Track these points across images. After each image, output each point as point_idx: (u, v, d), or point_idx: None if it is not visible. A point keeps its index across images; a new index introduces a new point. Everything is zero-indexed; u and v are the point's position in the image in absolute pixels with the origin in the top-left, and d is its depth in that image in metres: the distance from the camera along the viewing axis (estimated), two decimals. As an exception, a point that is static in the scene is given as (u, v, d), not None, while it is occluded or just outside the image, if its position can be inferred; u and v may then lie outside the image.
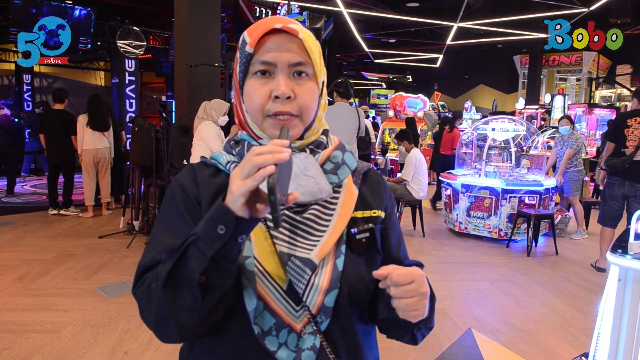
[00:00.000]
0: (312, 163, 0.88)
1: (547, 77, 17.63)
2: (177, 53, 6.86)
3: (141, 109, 9.34)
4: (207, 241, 0.70)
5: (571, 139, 6.51)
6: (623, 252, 1.62)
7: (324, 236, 0.85)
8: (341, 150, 0.94)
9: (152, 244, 0.87)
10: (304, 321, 0.83)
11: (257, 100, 0.85)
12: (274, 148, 0.67)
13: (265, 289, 0.82)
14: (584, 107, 13.31)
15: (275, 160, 0.65)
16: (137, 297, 0.82)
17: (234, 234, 0.69)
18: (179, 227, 0.86)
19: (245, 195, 0.67)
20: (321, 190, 0.86)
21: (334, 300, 0.83)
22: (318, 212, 0.87)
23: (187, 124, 5.52)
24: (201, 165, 0.94)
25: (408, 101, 12.50)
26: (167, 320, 0.76)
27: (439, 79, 23.24)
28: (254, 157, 0.67)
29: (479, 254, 5.68)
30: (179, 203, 0.89)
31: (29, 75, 12.91)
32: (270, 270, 0.83)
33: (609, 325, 1.63)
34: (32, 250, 5.21)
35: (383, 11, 13.81)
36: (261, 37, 0.85)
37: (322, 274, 0.83)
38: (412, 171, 6.29)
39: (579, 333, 3.58)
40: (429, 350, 3.20)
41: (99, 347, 3.14)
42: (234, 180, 0.69)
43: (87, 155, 6.75)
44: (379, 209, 0.96)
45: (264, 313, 0.82)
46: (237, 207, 0.68)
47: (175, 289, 0.74)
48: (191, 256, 0.72)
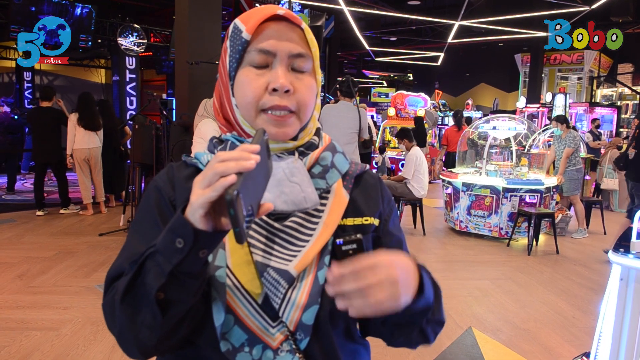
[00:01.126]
0: (300, 168, 0.79)
1: (549, 75, 17.60)
2: (177, 51, 6.85)
3: (142, 107, 9.35)
4: (165, 255, 0.64)
5: (569, 137, 6.51)
6: (625, 252, 1.61)
7: (306, 246, 0.77)
8: (331, 151, 0.85)
9: (123, 248, 0.81)
10: (281, 338, 0.76)
11: (251, 92, 0.78)
12: (239, 154, 0.60)
13: (237, 302, 0.74)
14: (585, 105, 13.29)
15: (238, 169, 0.58)
16: (103, 308, 0.76)
17: (193, 248, 0.62)
18: (151, 232, 0.77)
19: (204, 207, 0.60)
20: (306, 199, 0.78)
21: (313, 317, 0.75)
22: (301, 219, 0.79)
23: (188, 122, 5.51)
24: (181, 165, 0.87)
25: (409, 100, 12.47)
26: (128, 334, 0.70)
27: (440, 78, 23.22)
28: (216, 163, 0.60)
29: (479, 252, 5.67)
30: (153, 207, 0.82)
31: (30, 72, 12.91)
32: (244, 281, 0.75)
33: (610, 325, 1.62)
34: (33, 248, 5.21)
35: (384, 9, 13.78)
36: (260, 23, 0.78)
37: (301, 287, 0.75)
38: (413, 169, 6.28)
39: (579, 332, 3.57)
40: (429, 349, 3.20)
41: (99, 345, 3.14)
42: (194, 189, 0.62)
43: (79, 154, 6.68)
44: (372, 216, 0.87)
45: (234, 328, 0.74)
46: (196, 219, 0.61)
47: (133, 304, 0.68)
48: (148, 270, 0.66)
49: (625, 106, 13.90)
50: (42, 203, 6.85)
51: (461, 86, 22.97)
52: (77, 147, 6.66)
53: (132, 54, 11.23)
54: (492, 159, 6.78)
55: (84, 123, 6.61)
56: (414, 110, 11.90)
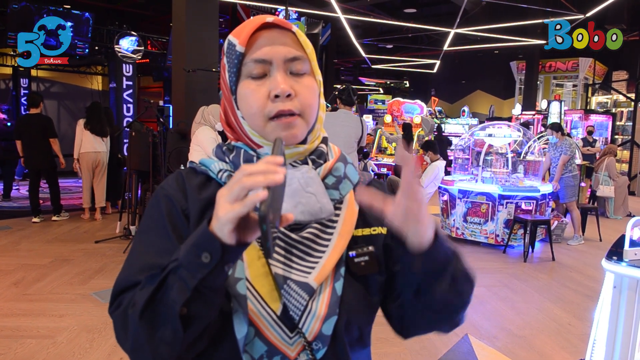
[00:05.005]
0: (314, 178, 0.80)
1: (544, 83, 17.68)
2: (175, 58, 6.87)
3: (138, 114, 9.35)
4: (190, 270, 0.63)
5: (564, 144, 6.54)
6: (618, 259, 1.63)
7: (323, 257, 0.78)
8: (343, 162, 0.86)
9: (131, 259, 0.79)
10: (299, 348, 0.76)
11: (254, 102, 0.78)
12: (266, 167, 0.59)
13: (258, 315, 0.74)
14: (580, 113, 13.36)
15: (267, 183, 0.58)
16: (113, 318, 0.74)
17: (219, 263, 0.63)
18: (162, 244, 0.77)
19: (234, 222, 0.60)
20: (322, 209, 0.79)
21: (332, 328, 0.76)
22: (317, 230, 0.80)
23: (185, 129, 5.52)
24: (190, 173, 0.86)
25: (405, 106, 12.53)
26: (144, 350, 0.68)
27: (436, 85, 23.28)
28: (244, 177, 0.59)
29: (475, 259, 5.68)
30: (164, 216, 0.80)
31: (26, 79, 12.89)
32: (263, 293, 0.76)
33: (604, 332, 1.63)
34: (28, 255, 5.19)
35: (380, 17, 13.84)
36: (252, 34, 0.79)
37: (320, 299, 0.76)
38: (431, 180, 6.56)
39: (575, 339, 3.58)
40: (426, 357, 3.20)
41: (94, 353, 3.12)
42: (220, 203, 0.61)
43: (85, 158, 6.72)
44: (380, 226, 0.87)
45: (254, 340, 0.74)
46: (224, 234, 0.61)
47: (153, 320, 0.66)
48: (172, 285, 0.65)
49: (620, 113, 13.97)
50: (38, 210, 6.83)
51: (457, 93, 23.04)
52: (83, 150, 6.71)
53: (129, 61, 11.24)
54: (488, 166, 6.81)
55: (91, 127, 6.69)
56: (410, 117, 11.96)
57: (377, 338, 3.34)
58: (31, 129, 6.62)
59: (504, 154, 6.91)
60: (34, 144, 6.64)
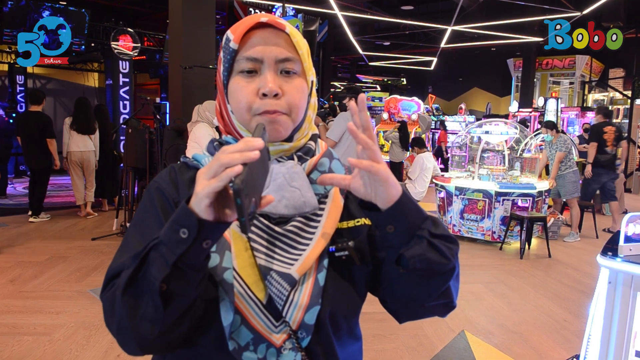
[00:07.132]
0: (299, 173, 0.82)
1: (541, 80, 17.73)
2: (171, 55, 6.85)
3: (135, 111, 9.32)
4: (169, 245, 0.65)
5: (559, 141, 6.57)
6: (613, 255, 1.64)
7: (306, 250, 0.80)
8: (329, 157, 0.88)
9: (123, 248, 0.81)
10: (284, 337, 0.78)
11: (243, 98, 0.81)
12: (244, 146, 0.62)
13: (244, 303, 0.77)
14: (576, 110, 13.40)
15: (243, 160, 0.60)
16: (103, 302, 0.77)
17: (197, 238, 0.64)
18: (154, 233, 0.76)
19: (210, 197, 0.62)
20: (306, 203, 0.82)
21: (315, 317, 0.78)
22: (301, 224, 0.82)
23: (182, 126, 5.52)
24: (182, 167, 0.89)
25: (402, 104, 12.54)
26: (128, 330, 0.70)
27: (433, 82, 23.31)
28: (221, 155, 0.62)
29: (472, 256, 5.70)
30: (157, 208, 0.83)
31: (22, 76, 12.83)
32: (250, 283, 0.78)
33: (599, 328, 1.64)
34: (25, 252, 5.18)
35: (378, 14, 13.85)
36: (246, 32, 0.81)
37: (303, 289, 0.78)
38: (418, 171, 6.93)
39: (571, 335, 3.60)
40: (422, 353, 3.21)
41: (91, 350, 3.13)
42: (199, 180, 0.63)
43: (72, 157, 6.70)
44: (363, 217, 0.88)
45: (240, 328, 0.76)
46: (201, 208, 0.63)
47: (135, 297, 0.68)
48: (152, 261, 0.66)
49: (617, 110, 14.01)
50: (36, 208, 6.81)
51: (454, 90, 23.07)
52: (70, 149, 6.69)
53: (125, 58, 11.20)
54: (484, 163, 6.82)
55: (77, 127, 6.63)
56: (408, 114, 11.96)
57: (374, 334, 3.38)
58: (29, 126, 6.52)
59: (501, 151, 6.93)
60: (31, 142, 6.55)
